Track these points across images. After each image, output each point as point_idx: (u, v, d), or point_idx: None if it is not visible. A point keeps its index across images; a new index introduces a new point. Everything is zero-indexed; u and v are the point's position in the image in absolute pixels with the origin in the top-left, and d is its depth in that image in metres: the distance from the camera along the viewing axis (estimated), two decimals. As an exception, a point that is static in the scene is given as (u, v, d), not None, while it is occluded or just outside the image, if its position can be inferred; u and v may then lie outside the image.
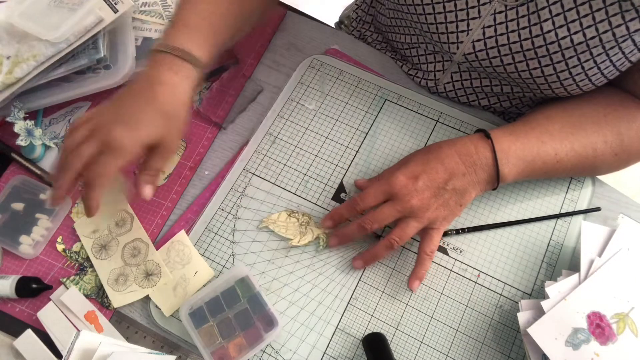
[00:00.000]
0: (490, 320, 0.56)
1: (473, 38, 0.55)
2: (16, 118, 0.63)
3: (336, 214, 0.57)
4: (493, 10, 0.53)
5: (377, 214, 0.54)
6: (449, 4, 0.55)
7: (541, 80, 0.54)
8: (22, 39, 0.62)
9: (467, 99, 0.66)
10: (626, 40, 0.47)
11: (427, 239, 0.55)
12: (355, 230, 0.55)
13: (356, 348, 0.55)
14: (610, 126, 0.54)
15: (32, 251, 0.61)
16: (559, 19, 0.48)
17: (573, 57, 0.50)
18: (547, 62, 0.52)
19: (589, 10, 0.47)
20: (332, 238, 0.58)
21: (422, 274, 0.55)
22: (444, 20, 0.56)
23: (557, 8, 0.48)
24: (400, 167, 0.54)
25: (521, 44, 0.52)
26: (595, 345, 0.48)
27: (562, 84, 0.53)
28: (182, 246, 0.60)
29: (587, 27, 0.47)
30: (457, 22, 0.55)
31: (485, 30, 0.54)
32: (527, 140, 0.53)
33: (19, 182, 0.65)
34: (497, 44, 0.54)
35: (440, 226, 0.55)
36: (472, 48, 0.56)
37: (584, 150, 0.54)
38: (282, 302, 0.57)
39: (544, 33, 0.50)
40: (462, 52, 0.57)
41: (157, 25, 0.71)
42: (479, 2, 0.53)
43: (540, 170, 0.54)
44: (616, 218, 0.60)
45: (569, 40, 0.49)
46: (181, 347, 0.57)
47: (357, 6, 0.80)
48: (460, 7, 0.54)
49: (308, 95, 0.68)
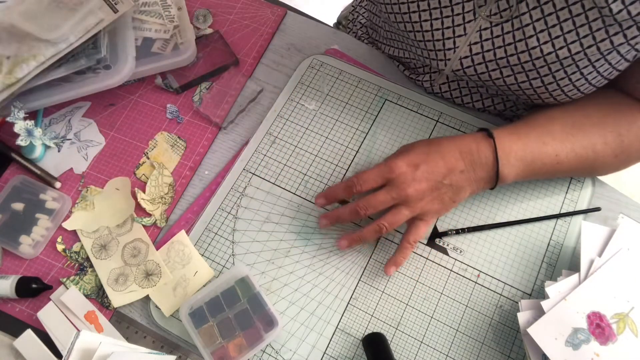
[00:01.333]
0: (490, 320, 0.56)
1: (460, 55, 0.56)
2: (16, 118, 0.63)
3: (330, 193, 0.56)
4: (478, 27, 0.53)
5: (372, 199, 0.53)
6: (435, 22, 0.55)
7: (530, 91, 0.55)
8: (22, 39, 0.62)
9: (461, 101, 0.66)
10: (611, 52, 0.47)
11: (413, 228, 0.55)
12: (348, 213, 0.55)
13: (356, 348, 0.55)
14: (611, 127, 0.54)
15: (32, 251, 0.61)
16: (543, 35, 0.49)
17: (560, 70, 0.50)
18: (534, 75, 0.52)
19: (572, 26, 0.47)
20: (322, 218, 0.57)
21: (401, 261, 0.56)
22: (431, 38, 0.57)
23: (541, 25, 0.49)
24: (401, 154, 0.54)
25: (508, 59, 0.53)
26: (595, 345, 0.48)
27: (551, 95, 0.54)
28: (182, 246, 0.60)
29: (572, 43, 0.48)
30: (444, 39, 0.56)
31: (472, 47, 0.55)
32: (528, 141, 0.53)
33: (19, 182, 0.65)
34: (485, 59, 0.55)
35: (429, 219, 0.55)
36: (459, 65, 0.57)
37: (584, 152, 0.54)
38: (282, 302, 0.57)
39: (529, 49, 0.50)
40: (450, 68, 0.58)
41: (157, 25, 0.71)
42: (464, 20, 0.54)
43: (540, 171, 0.54)
44: (616, 218, 0.60)
45: (555, 56, 0.49)
46: (181, 347, 0.57)
47: (353, 7, 0.80)
48: (446, 25, 0.55)
49: (308, 95, 0.68)
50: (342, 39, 0.73)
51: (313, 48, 0.72)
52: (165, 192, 0.64)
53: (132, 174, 0.65)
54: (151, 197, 0.63)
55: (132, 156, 0.67)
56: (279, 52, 0.72)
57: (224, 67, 0.70)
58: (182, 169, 0.66)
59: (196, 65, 0.70)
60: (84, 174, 0.66)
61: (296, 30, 0.74)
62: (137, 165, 0.66)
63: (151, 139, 0.67)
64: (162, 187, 0.64)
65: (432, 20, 0.55)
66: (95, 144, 0.68)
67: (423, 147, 0.54)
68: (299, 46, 0.73)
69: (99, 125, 0.69)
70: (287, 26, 0.74)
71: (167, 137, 0.67)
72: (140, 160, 0.66)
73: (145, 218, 0.62)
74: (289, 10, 0.75)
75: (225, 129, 0.68)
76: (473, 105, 0.66)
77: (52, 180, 0.65)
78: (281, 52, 0.72)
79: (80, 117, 0.70)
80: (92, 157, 0.67)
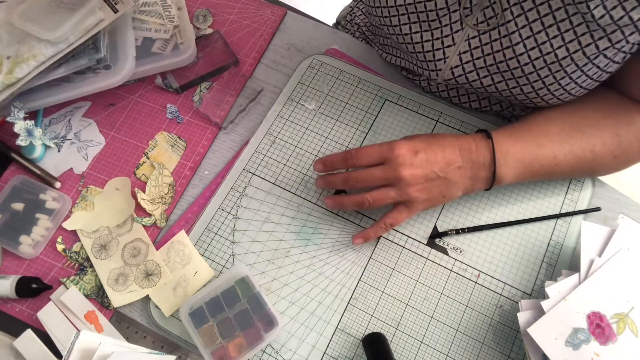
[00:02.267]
0: (490, 320, 0.56)
1: (451, 65, 0.57)
2: (16, 118, 0.63)
3: (328, 160, 0.57)
4: (466, 36, 0.54)
5: (364, 173, 0.54)
6: (425, 34, 0.56)
7: (522, 97, 0.55)
8: (22, 39, 0.62)
9: (459, 100, 0.66)
10: (598, 57, 0.48)
11: (394, 212, 0.55)
12: (339, 181, 0.56)
13: (356, 348, 0.55)
14: (609, 128, 0.54)
15: (32, 251, 0.61)
16: (529, 41, 0.49)
17: (549, 75, 0.51)
18: (524, 81, 0.53)
19: (557, 31, 0.47)
20: (318, 180, 0.59)
21: (370, 236, 0.57)
22: (421, 49, 0.58)
23: (526, 31, 0.49)
24: (404, 139, 0.54)
25: (497, 66, 0.53)
26: (595, 345, 0.48)
27: (542, 99, 0.54)
28: (182, 246, 0.60)
29: (558, 48, 0.48)
30: (434, 50, 0.57)
31: (462, 56, 0.55)
32: (526, 143, 0.53)
33: (19, 182, 0.65)
34: (475, 67, 0.55)
35: (413, 207, 0.54)
36: (451, 74, 0.58)
37: (582, 153, 0.54)
38: (282, 302, 0.57)
39: (517, 55, 0.51)
40: (442, 77, 0.59)
41: (157, 25, 0.71)
42: (452, 30, 0.54)
43: (538, 172, 0.54)
44: (616, 218, 0.60)
45: (542, 61, 0.50)
46: (181, 347, 0.57)
47: (351, 8, 0.80)
48: (435, 36, 0.56)
49: (308, 95, 0.68)
50: (342, 39, 0.73)
51: (313, 48, 0.72)
52: (165, 192, 0.64)
53: (132, 174, 0.65)
54: (151, 197, 0.63)
55: (132, 156, 0.67)
56: (279, 52, 0.72)
57: (224, 67, 0.70)
58: (182, 169, 0.66)
59: (196, 65, 0.70)
60: (84, 174, 0.66)
61: (296, 30, 0.74)
62: (137, 165, 0.66)
63: (151, 139, 0.67)
64: (162, 187, 0.64)
65: (422, 32, 0.56)
66: (95, 144, 0.68)
67: (426, 137, 0.55)
68: (299, 46, 0.73)
69: (99, 125, 0.69)
70: (287, 26, 0.74)
71: (167, 137, 0.67)
72: (140, 160, 0.66)
73: (145, 218, 0.62)
74: (289, 10, 0.76)
75: (225, 129, 0.68)
76: (470, 105, 0.66)
77: (52, 180, 0.65)
78: (281, 52, 0.72)
79: (80, 117, 0.70)
80: (92, 157, 0.67)
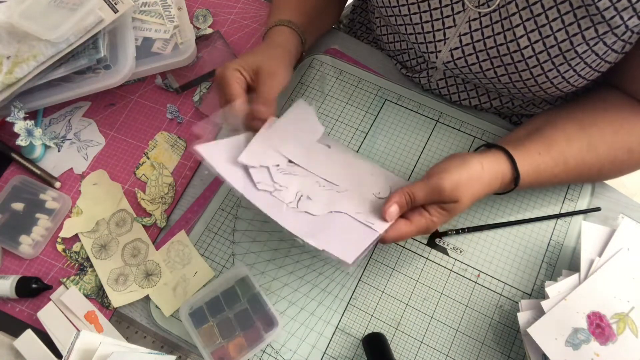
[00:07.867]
0: (490, 320, 0.56)
1: (450, 46, 0.57)
2: (16, 118, 0.63)
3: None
4: (467, 17, 0.54)
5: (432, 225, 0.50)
6: (425, 14, 0.56)
7: (520, 84, 0.55)
8: (22, 39, 0.62)
9: (458, 97, 0.66)
10: (597, 43, 0.48)
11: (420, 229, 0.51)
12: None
13: (356, 348, 0.55)
14: (621, 144, 0.54)
15: (32, 251, 0.61)
16: (529, 23, 0.49)
17: (547, 61, 0.51)
18: (523, 67, 0.52)
19: (557, 13, 0.47)
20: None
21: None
22: (421, 30, 0.58)
23: (527, 13, 0.49)
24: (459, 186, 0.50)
25: (497, 49, 0.53)
26: (595, 345, 0.48)
27: (540, 87, 0.54)
28: (182, 246, 0.60)
29: (558, 31, 0.48)
30: (434, 31, 0.57)
31: (462, 38, 0.55)
32: (546, 168, 0.53)
33: (19, 182, 0.65)
34: (475, 50, 0.55)
35: (431, 230, 0.52)
36: (450, 56, 0.57)
37: (589, 170, 0.55)
38: (282, 302, 0.57)
39: (517, 38, 0.51)
40: (442, 60, 0.59)
41: (157, 25, 0.71)
42: (453, 11, 0.54)
43: (544, 184, 0.55)
44: (616, 218, 0.60)
45: (542, 44, 0.50)
46: (181, 347, 0.57)
47: (353, 7, 0.80)
48: (435, 17, 0.56)
49: (308, 95, 0.68)
50: (342, 39, 0.73)
51: (313, 48, 0.72)
52: (165, 192, 0.64)
53: (132, 174, 0.65)
54: (151, 197, 0.63)
55: (132, 156, 0.67)
56: (279, 52, 0.72)
57: (224, 67, 0.70)
58: (182, 169, 0.66)
59: (196, 65, 0.70)
60: (84, 174, 0.66)
61: (296, 30, 0.74)
62: (137, 165, 0.66)
63: (151, 139, 0.67)
64: (162, 187, 0.64)
65: (421, 12, 0.56)
66: (95, 144, 0.68)
67: (466, 180, 0.50)
68: (299, 46, 0.73)
69: (99, 125, 0.69)
70: (287, 26, 0.74)
71: (167, 137, 0.67)
72: (140, 160, 0.66)
73: (145, 218, 0.62)
74: (289, 10, 0.75)
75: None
76: (469, 102, 0.66)
77: (52, 180, 0.65)
78: (281, 52, 0.72)
79: (80, 117, 0.70)
80: (92, 157, 0.67)
